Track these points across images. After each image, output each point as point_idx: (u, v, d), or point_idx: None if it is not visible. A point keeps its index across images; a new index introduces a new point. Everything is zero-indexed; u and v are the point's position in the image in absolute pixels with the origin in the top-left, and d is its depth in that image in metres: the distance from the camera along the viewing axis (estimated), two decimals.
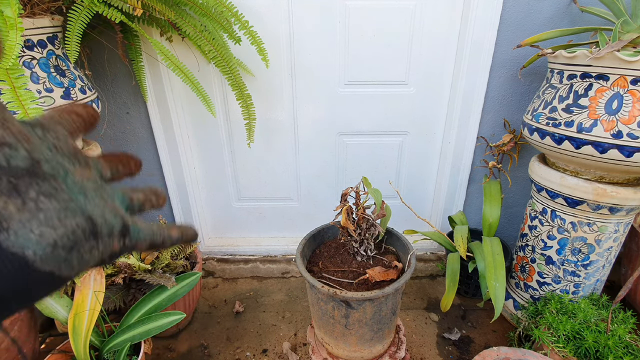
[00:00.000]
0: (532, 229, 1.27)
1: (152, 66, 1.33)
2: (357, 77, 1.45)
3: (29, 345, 0.99)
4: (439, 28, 1.37)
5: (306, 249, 1.11)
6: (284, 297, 1.56)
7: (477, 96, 1.40)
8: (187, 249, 1.31)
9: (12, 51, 0.76)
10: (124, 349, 0.96)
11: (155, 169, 1.56)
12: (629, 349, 1.00)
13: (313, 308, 1.09)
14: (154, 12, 1.07)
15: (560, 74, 1.07)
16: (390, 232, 1.17)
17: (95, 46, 1.30)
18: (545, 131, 1.08)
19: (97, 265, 0.21)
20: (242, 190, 1.69)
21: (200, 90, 1.23)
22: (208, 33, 1.16)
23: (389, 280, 1.00)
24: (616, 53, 0.91)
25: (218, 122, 1.53)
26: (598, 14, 1.18)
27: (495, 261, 1.20)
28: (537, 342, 1.09)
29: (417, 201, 1.72)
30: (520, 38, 1.30)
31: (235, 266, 1.69)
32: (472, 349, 1.30)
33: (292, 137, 1.57)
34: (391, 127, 1.55)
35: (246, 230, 1.80)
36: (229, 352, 1.29)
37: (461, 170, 1.55)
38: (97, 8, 0.99)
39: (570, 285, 1.22)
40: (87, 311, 0.94)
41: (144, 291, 1.12)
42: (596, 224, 1.12)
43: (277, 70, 1.43)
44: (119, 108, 1.43)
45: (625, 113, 0.93)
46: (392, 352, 1.13)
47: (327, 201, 1.72)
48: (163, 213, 1.66)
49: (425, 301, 1.53)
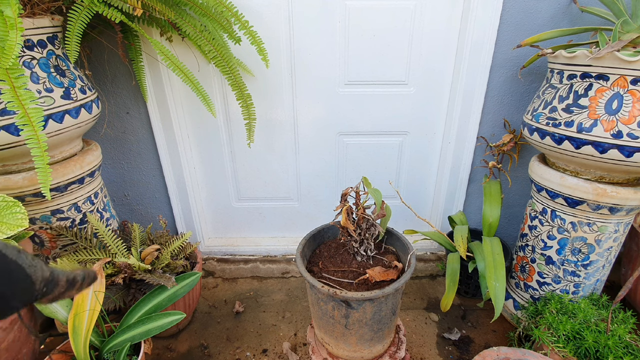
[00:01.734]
0: (532, 229, 1.27)
1: (152, 66, 1.33)
2: (357, 77, 1.45)
3: (29, 345, 0.99)
4: (439, 28, 1.37)
5: (306, 249, 1.11)
6: (284, 297, 1.56)
7: (477, 96, 1.40)
8: (187, 249, 1.31)
9: (12, 51, 0.76)
10: (124, 349, 0.96)
11: (155, 169, 1.56)
12: (629, 349, 1.00)
13: (313, 308, 1.09)
14: (154, 12, 1.07)
15: (560, 74, 1.07)
16: (390, 232, 1.17)
17: (95, 46, 1.30)
18: (545, 131, 1.08)
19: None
20: (242, 190, 1.69)
21: (200, 90, 1.23)
22: (208, 33, 1.16)
23: (389, 280, 1.00)
24: (616, 53, 0.91)
25: (218, 122, 1.53)
26: (598, 14, 1.18)
27: (495, 261, 1.20)
28: (537, 342, 1.09)
29: (417, 201, 1.72)
30: (520, 38, 1.30)
31: (235, 266, 1.69)
32: (472, 349, 1.30)
33: (292, 137, 1.57)
34: (391, 127, 1.55)
35: (246, 230, 1.80)
36: (229, 352, 1.29)
37: (461, 170, 1.55)
38: (97, 8, 0.99)
39: (570, 285, 1.22)
40: (87, 311, 0.94)
41: (144, 291, 1.12)
42: (596, 224, 1.12)
43: (277, 70, 1.43)
44: (119, 108, 1.43)
45: (625, 113, 0.93)
46: (392, 352, 1.13)
47: (327, 201, 1.72)
48: (163, 213, 1.66)
49: (425, 301, 1.53)
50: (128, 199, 1.63)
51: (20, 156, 1.01)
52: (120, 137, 1.49)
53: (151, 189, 1.61)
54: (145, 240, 1.28)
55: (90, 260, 1.11)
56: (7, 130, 0.91)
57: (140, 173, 1.57)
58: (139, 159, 1.54)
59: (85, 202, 1.20)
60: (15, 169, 1.04)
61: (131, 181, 1.59)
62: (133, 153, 1.52)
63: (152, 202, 1.64)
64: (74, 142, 1.16)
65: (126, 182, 1.59)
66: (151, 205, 1.65)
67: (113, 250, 1.16)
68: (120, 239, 1.19)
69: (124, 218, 1.68)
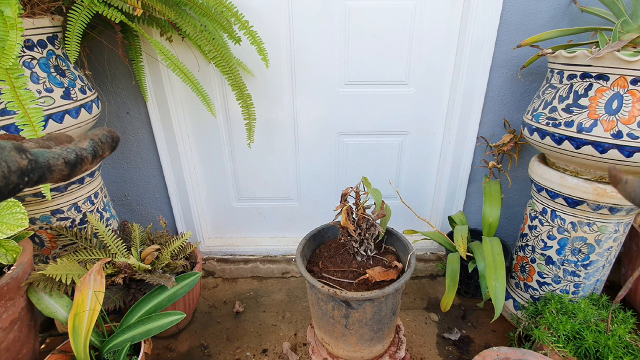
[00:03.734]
0: (532, 229, 1.27)
1: (152, 66, 1.33)
2: (357, 77, 1.45)
3: (29, 345, 0.99)
4: (439, 28, 1.37)
5: (306, 249, 1.11)
6: (284, 297, 1.56)
7: (477, 96, 1.40)
8: (187, 249, 1.31)
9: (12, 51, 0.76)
10: (124, 349, 0.96)
11: (155, 169, 1.56)
12: (629, 349, 1.00)
13: (313, 308, 1.09)
14: (154, 12, 1.07)
15: (560, 74, 1.08)
16: (390, 232, 1.17)
17: (95, 46, 1.30)
18: (545, 131, 1.08)
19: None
20: (242, 190, 1.69)
21: (200, 90, 1.23)
22: (208, 33, 1.16)
23: (389, 280, 1.00)
24: (616, 53, 0.91)
25: (218, 122, 1.53)
26: (598, 14, 1.18)
27: (495, 261, 1.20)
28: (537, 342, 1.09)
29: (417, 201, 1.72)
30: (520, 38, 1.30)
31: (235, 266, 1.69)
32: (472, 349, 1.30)
33: (292, 137, 1.57)
34: (391, 127, 1.55)
35: (246, 230, 1.80)
36: (229, 352, 1.29)
37: (461, 170, 1.55)
38: (97, 8, 0.99)
39: (570, 285, 1.22)
40: (87, 311, 0.94)
41: (144, 291, 1.12)
42: (596, 224, 1.12)
43: (277, 70, 1.43)
44: (119, 108, 1.43)
45: (625, 113, 0.93)
46: (392, 352, 1.13)
47: (327, 201, 1.72)
48: (163, 213, 1.66)
49: (425, 301, 1.53)
50: (128, 199, 1.63)
51: None
52: (120, 137, 1.48)
53: (151, 189, 1.61)
54: (145, 240, 1.28)
55: (90, 260, 1.11)
56: (7, 131, 0.91)
57: (140, 173, 1.57)
58: (139, 159, 1.54)
59: (85, 202, 1.20)
60: None
61: (131, 181, 1.59)
62: (133, 153, 1.52)
63: (152, 202, 1.64)
64: None
65: (126, 182, 1.59)
66: (151, 205, 1.65)
67: (113, 250, 1.16)
68: (120, 239, 1.19)
69: (124, 218, 1.68)
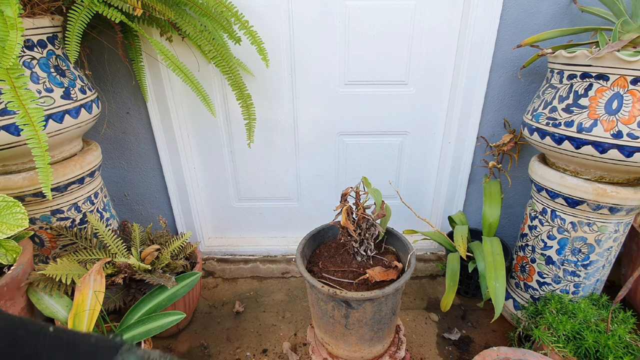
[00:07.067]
0: (532, 229, 1.27)
1: (152, 66, 1.33)
2: (357, 77, 1.45)
3: None
4: (439, 28, 1.37)
5: (306, 249, 1.11)
6: (284, 297, 1.56)
7: (477, 96, 1.40)
8: (187, 249, 1.31)
9: (12, 51, 0.76)
10: None
11: (155, 169, 1.56)
12: (629, 349, 1.00)
13: (313, 308, 1.09)
14: (154, 12, 1.07)
15: (560, 74, 1.08)
16: (390, 232, 1.17)
17: (95, 46, 1.30)
18: (545, 131, 1.08)
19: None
20: (242, 190, 1.69)
21: (200, 90, 1.23)
22: (208, 33, 1.16)
23: (389, 280, 1.00)
24: (616, 53, 0.91)
25: (218, 122, 1.53)
26: (598, 14, 1.18)
27: (495, 261, 1.20)
28: (537, 342, 1.09)
29: (417, 201, 1.72)
30: (520, 38, 1.30)
31: (235, 266, 1.69)
32: (472, 349, 1.30)
33: (292, 137, 1.57)
34: (391, 127, 1.55)
35: (246, 230, 1.80)
36: (229, 352, 1.29)
37: (461, 170, 1.55)
38: (97, 8, 0.99)
39: (570, 285, 1.22)
40: (87, 311, 0.94)
41: (144, 291, 1.12)
42: (596, 224, 1.12)
43: (277, 70, 1.43)
44: (119, 108, 1.43)
45: (625, 113, 0.93)
46: (392, 352, 1.13)
47: (327, 201, 1.72)
48: (163, 213, 1.66)
49: (425, 301, 1.53)
50: (128, 199, 1.63)
51: (20, 156, 1.01)
52: (120, 137, 1.49)
53: (151, 189, 1.61)
54: (145, 240, 1.28)
55: (90, 260, 1.11)
56: (7, 130, 0.91)
57: (140, 173, 1.57)
58: (139, 159, 1.54)
59: (85, 202, 1.20)
60: (15, 169, 1.04)
61: (131, 181, 1.59)
62: (133, 153, 1.52)
63: (152, 202, 1.64)
64: (74, 142, 1.16)
65: (126, 182, 1.59)
66: (151, 205, 1.65)
67: (113, 250, 1.16)
68: (120, 239, 1.19)
69: (124, 218, 1.68)
